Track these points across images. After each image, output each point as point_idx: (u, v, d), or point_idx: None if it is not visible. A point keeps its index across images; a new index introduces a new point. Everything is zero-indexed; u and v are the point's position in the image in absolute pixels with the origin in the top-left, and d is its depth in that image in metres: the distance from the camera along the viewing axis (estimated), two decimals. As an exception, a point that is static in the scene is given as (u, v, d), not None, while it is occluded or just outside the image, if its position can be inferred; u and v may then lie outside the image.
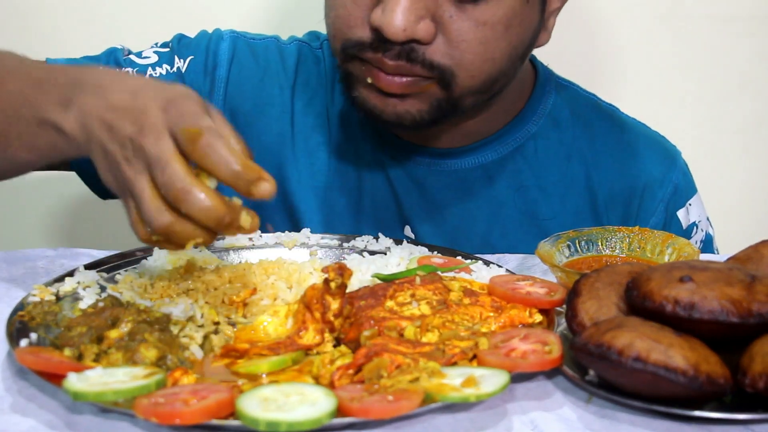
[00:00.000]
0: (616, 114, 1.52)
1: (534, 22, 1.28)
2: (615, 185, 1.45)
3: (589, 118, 1.47)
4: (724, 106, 2.06)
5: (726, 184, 2.09)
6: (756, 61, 2.04)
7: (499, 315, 1.04)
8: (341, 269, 1.00)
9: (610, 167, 1.45)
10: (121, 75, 1.08)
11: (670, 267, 0.94)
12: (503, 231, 1.43)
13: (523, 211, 1.44)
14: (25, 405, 0.89)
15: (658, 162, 1.47)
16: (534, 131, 1.43)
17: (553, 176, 1.44)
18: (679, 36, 2.02)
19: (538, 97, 1.44)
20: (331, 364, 0.94)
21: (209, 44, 1.46)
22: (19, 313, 1.04)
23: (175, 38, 1.48)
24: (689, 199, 1.49)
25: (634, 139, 1.48)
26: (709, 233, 1.52)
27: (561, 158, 1.44)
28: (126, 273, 1.17)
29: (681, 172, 1.49)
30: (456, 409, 0.89)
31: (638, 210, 1.46)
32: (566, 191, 1.44)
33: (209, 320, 1.04)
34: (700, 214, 1.50)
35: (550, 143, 1.44)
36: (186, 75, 1.43)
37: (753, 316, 0.88)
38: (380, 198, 1.44)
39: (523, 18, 1.24)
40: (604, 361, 0.87)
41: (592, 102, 1.51)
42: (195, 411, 0.81)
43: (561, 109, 1.46)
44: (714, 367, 0.86)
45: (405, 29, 1.17)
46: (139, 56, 1.44)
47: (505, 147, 1.42)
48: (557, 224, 1.42)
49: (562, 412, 0.90)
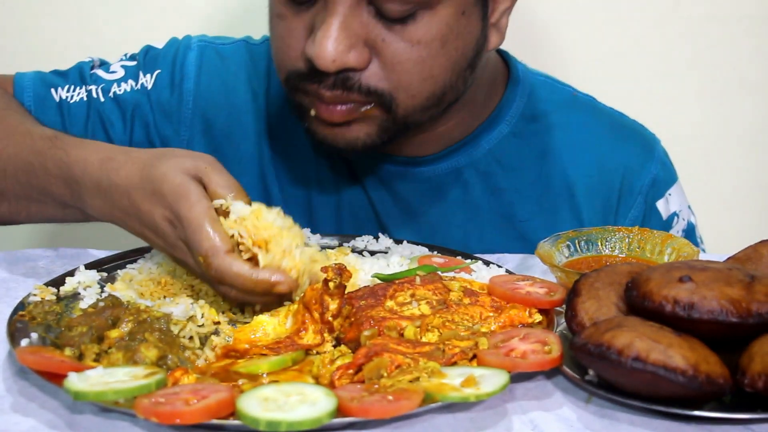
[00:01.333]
0: (592, 105, 1.49)
1: (475, 31, 1.24)
2: (593, 179, 1.43)
3: (564, 113, 1.44)
4: (724, 106, 2.06)
5: (726, 184, 2.09)
6: (756, 61, 2.04)
7: (499, 315, 1.04)
8: (340, 270, 1.00)
9: (587, 162, 1.43)
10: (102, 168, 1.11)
11: (669, 267, 0.94)
12: (480, 235, 1.41)
13: (499, 213, 1.42)
14: (26, 405, 0.89)
15: (635, 153, 1.45)
16: (507, 132, 1.40)
17: (528, 177, 1.42)
18: (679, 36, 2.02)
19: (510, 97, 1.41)
20: (331, 364, 0.94)
21: (176, 56, 1.43)
22: (19, 313, 1.05)
23: (142, 50, 1.45)
24: (669, 189, 1.46)
25: (610, 130, 1.46)
26: (691, 222, 1.50)
27: (535, 158, 1.42)
28: (126, 272, 1.18)
29: (659, 162, 1.46)
30: (456, 409, 0.89)
31: (618, 203, 1.43)
32: (543, 191, 1.42)
33: (209, 320, 1.04)
34: (680, 203, 1.48)
35: (523, 143, 1.41)
36: (152, 92, 1.40)
37: (752, 316, 0.88)
38: (358, 208, 1.42)
39: (459, 31, 1.21)
40: (604, 361, 0.87)
41: (567, 95, 1.48)
42: (195, 411, 0.81)
43: (535, 107, 1.43)
44: (713, 367, 0.86)
45: (335, 60, 1.15)
46: (107, 71, 1.42)
47: (477, 150, 1.40)
48: (534, 225, 1.40)
49: (561, 412, 0.90)
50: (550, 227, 1.24)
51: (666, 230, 1.42)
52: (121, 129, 1.40)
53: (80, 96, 1.39)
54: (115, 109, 1.40)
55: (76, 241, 1.58)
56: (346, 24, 1.15)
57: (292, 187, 1.43)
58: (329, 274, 0.99)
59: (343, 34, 1.15)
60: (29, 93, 1.39)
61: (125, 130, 1.40)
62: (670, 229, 1.46)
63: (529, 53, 1.51)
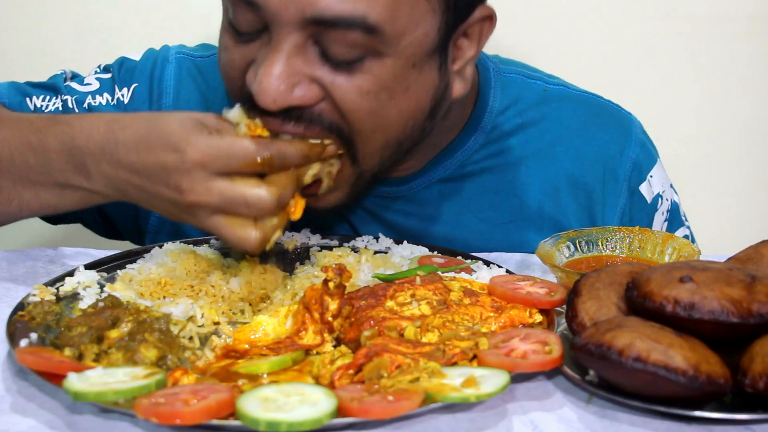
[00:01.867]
0: (564, 94, 1.45)
1: (430, 82, 1.18)
2: (575, 174, 1.41)
3: (537, 111, 1.42)
4: (724, 106, 2.06)
5: (726, 184, 2.09)
6: (756, 61, 2.04)
7: (499, 315, 1.04)
8: (340, 270, 1.00)
9: (567, 157, 1.41)
10: (109, 129, 1.09)
11: (670, 267, 0.94)
12: (465, 242, 1.38)
13: (478, 221, 1.40)
14: (25, 405, 0.89)
15: (613, 140, 1.43)
16: (482, 140, 1.38)
17: (508, 178, 1.40)
18: (679, 36, 2.02)
19: (482, 105, 1.38)
20: (331, 364, 0.94)
21: (154, 69, 1.40)
22: (19, 313, 1.04)
23: (116, 62, 1.42)
24: (650, 171, 1.45)
25: (585, 120, 1.44)
26: (674, 201, 1.48)
27: (513, 162, 1.40)
28: (126, 272, 1.17)
29: (638, 144, 1.44)
30: (456, 409, 0.89)
31: (603, 195, 1.42)
32: (524, 193, 1.40)
33: (209, 320, 1.04)
34: (663, 183, 1.46)
35: (501, 149, 1.39)
36: (129, 105, 1.37)
37: (753, 316, 0.88)
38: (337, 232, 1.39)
39: (410, 83, 1.15)
40: (604, 361, 0.87)
41: (539, 91, 1.44)
42: (195, 411, 0.81)
43: (507, 110, 1.40)
44: (714, 367, 0.86)
45: (275, 100, 1.08)
46: (80, 83, 1.39)
47: (451, 162, 1.37)
48: (517, 227, 1.39)
49: (562, 413, 0.90)
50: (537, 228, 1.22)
51: (651, 213, 1.42)
52: None
53: (55, 105, 1.37)
54: None
55: (76, 241, 1.58)
56: (290, 62, 1.09)
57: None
58: (329, 274, 0.99)
59: (285, 72, 1.09)
60: (4, 99, 1.36)
61: None
62: (655, 211, 1.44)
63: (528, 53, 1.51)
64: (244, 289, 1.12)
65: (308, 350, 0.99)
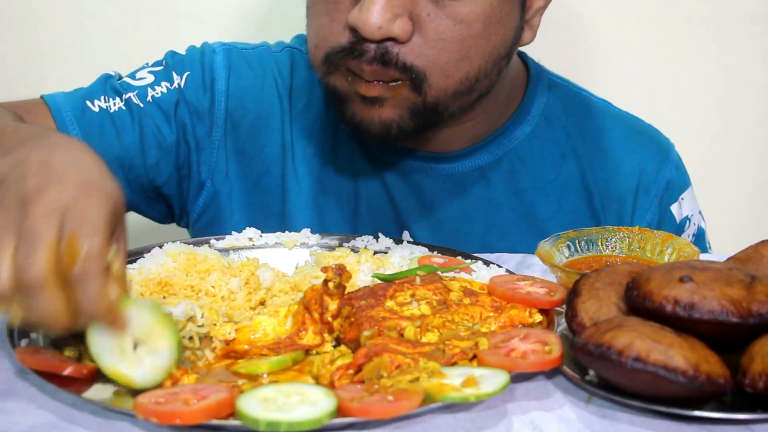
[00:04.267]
0: (609, 109, 1.51)
1: (514, 20, 1.27)
2: (609, 183, 1.45)
3: (582, 116, 1.47)
4: (724, 106, 2.06)
5: (726, 184, 2.09)
6: (756, 61, 2.04)
7: (499, 315, 1.04)
8: (340, 270, 1.00)
9: (604, 165, 1.45)
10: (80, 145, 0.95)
11: (670, 267, 0.94)
12: (501, 233, 1.43)
13: (520, 212, 1.44)
14: (26, 405, 0.89)
15: (651, 157, 1.47)
16: (528, 131, 1.43)
17: (549, 176, 1.44)
18: (679, 36, 2.02)
19: (531, 96, 1.44)
20: (331, 364, 0.94)
21: (203, 58, 1.43)
22: (19, 313, 1.04)
23: (167, 55, 1.45)
24: (682, 193, 1.49)
25: (626, 134, 1.48)
26: (701, 227, 1.52)
27: (556, 158, 1.44)
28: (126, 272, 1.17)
29: (674, 166, 1.49)
30: (456, 409, 0.89)
31: (633, 207, 1.46)
32: (562, 191, 1.44)
33: (209, 320, 1.04)
34: (692, 208, 1.50)
35: (544, 143, 1.44)
36: (185, 90, 1.41)
37: (753, 316, 0.88)
38: (377, 204, 1.44)
39: (501, 16, 1.23)
40: (604, 361, 0.87)
41: (585, 99, 1.50)
42: (195, 411, 0.81)
43: (554, 107, 1.45)
44: (714, 367, 0.86)
45: (380, 27, 1.16)
46: (134, 78, 1.42)
47: (500, 148, 1.42)
48: (555, 224, 1.42)
49: (562, 412, 0.90)
50: (570, 226, 1.24)
51: (678, 234, 1.44)
52: (167, 131, 1.40)
53: (117, 105, 1.38)
54: (158, 113, 1.39)
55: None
56: None
57: (312, 187, 1.44)
58: (329, 274, 0.99)
59: (390, 3, 1.16)
60: (67, 111, 1.36)
61: (171, 132, 1.40)
62: (682, 233, 1.48)
63: (536, 55, 1.51)
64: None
65: (308, 350, 0.99)
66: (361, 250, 1.24)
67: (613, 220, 1.45)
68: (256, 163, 1.44)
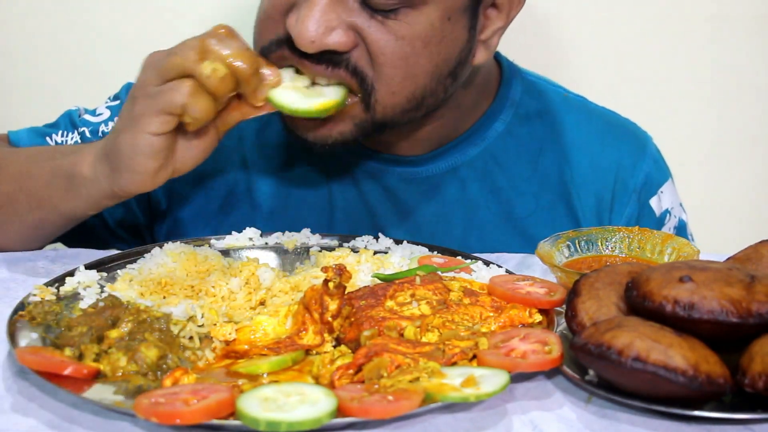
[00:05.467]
0: (584, 104, 1.50)
1: (460, 39, 1.24)
2: (587, 179, 1.44)
3: (557, 112, 1.46)
4: (724, 106, 2.06)
5: (726, 184, 2.09)
6: (756, 61, 2.04)
7: (499, 315, 1.04)
8: (340, 270, 1.00)
9: (581, 160, 1.44)
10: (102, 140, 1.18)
11: (669, 267, 0.94)
12: (480, 233, 1.42)
13: (497, 211, 1.42)
14: (26, 405, 0.89)
15: (628, 152, 1.46)
16: (502, 129, 1.41)
17: (525, 173, 1.42)
18: (680, 36, 2.02)
19: (503, 94, 1.42)
20: (331, 364, 0.94)
21: None
22: (19, 313, 1.05)
23: (123, 89, 1.46)
24: (661, 187, 1.47)
25: (602, 129, 1.47)
26: (682, 219, 1.51)
27: (531, 154, 1.43)
28: (126, 272, 1.17)
29: (651, 160, 1.47)
30: (456, 409, 0.89)
31: (612, 203, 1.44)
32: (539, 188, 1.43)
33: (209, 320, 1.04)
34: (672, 201, 1.49)
35: (519, 140, 1.42)
36: None
37: (753, 316, 0.88)
38: (353, 211, 1.42)
39: (444, 36, 1.21)
40: (604, 361, 0.87)
41: (560, 95, 1.49)
42: (195, 411, 0.81)
43: (528, 104, 1.44)
44: (714, 367, 0.86)
45: (314, 41, 1.15)
46: (93, 114, 1.44)
47: (473, 148, 1.41)
48: (533, 222, 1.41)
49: (561, 412, 0.90)
50: (548, 224, 1.24)
51: (658, 227, 1.43)
52: None
53: (74, 139, 1.42)
54: None
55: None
56: (330, 8, 1.16)
57: (280, 202, 1.43)
58: (329, 275, 0.99)
59: (325, 17, 1.16)
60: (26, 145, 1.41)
61: None
62: (663, 226, 1.47)
63: (528, 53, 1.51)
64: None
65: (308, 350, 0.99)
66: (361, 250, 1.24)
67: (592, 216, 1.43)
68: (219, 184, 1.42)
